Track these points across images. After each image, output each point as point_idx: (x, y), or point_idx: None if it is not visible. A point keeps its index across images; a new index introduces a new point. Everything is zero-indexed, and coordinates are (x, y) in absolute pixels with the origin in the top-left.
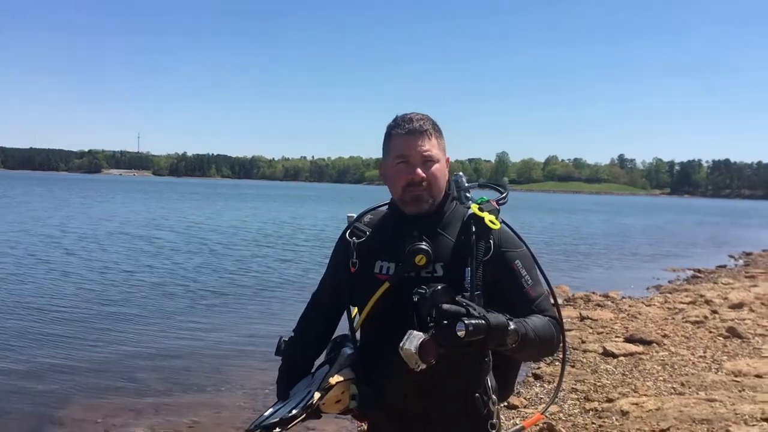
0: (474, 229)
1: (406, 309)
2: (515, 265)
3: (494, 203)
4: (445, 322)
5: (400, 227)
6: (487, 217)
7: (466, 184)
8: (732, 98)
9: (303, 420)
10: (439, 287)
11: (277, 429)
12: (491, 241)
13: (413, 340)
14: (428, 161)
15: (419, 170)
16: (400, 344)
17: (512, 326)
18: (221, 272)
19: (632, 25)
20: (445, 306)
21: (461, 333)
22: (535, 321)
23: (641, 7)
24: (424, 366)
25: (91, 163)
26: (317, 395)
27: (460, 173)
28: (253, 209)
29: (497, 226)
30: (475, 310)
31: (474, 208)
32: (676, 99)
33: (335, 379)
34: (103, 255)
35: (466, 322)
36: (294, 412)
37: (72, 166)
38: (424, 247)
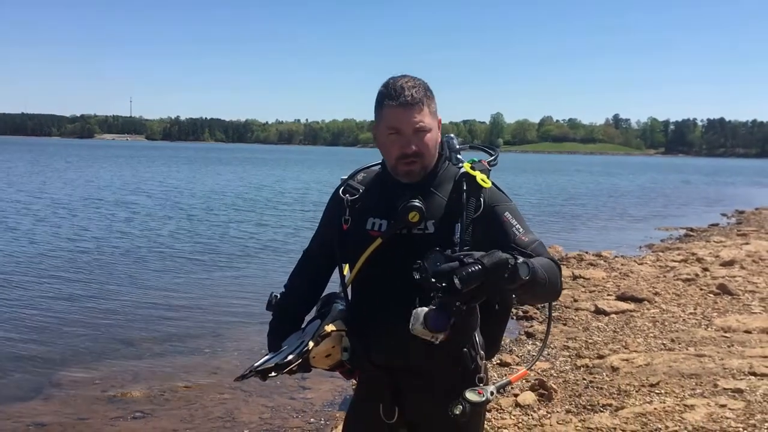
0: (465, 187)
1: (397, 265)
2: (505, 217)
3: (485, 164)
4: (444, 284)
5: (394, 186)
6: (479, 176)
7: (458, 146)
8: (727, 57)
9: (296, 368)
10: (432, 254)
11: (273, 373)
12: (482, 198)
13: (418, 317)
14: (420, 132)
15: (412, 145)
16: (410, 326)
17: (519, 259)
18: (212, 236)
19: None
20: (438, 268)
21: (458, 285)
22: (539, 259)
23: None
24: (442, 337)
25: (83, 128)
26: (312, 343)
27: (452, 135)
28: (244, 173)
29: (488, 184)
30: (471, 257)
31: (466, 167)
32: (670, 58)
33: (330, 327)
34: (98, 219)
35: (458, 274)
36: (290, 357)
37: (64, 131)
38: (417, 204)
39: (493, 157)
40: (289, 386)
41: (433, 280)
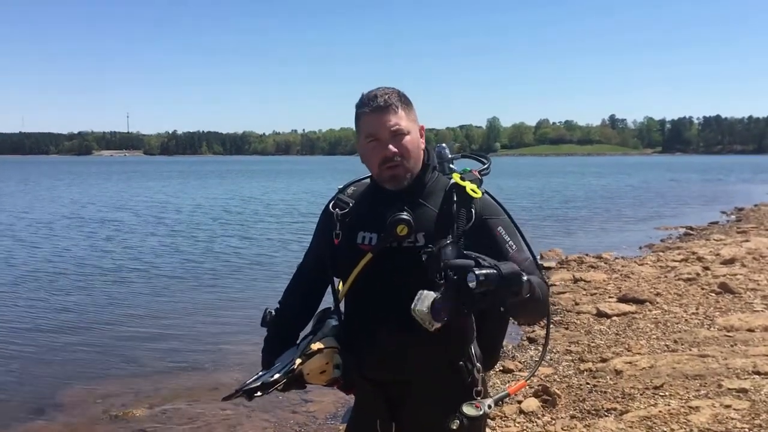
0: (455, 198)
1: (388, 279)
2: (498, 232)
3: (476, 173)
4: (455, 277)
5: (382, 198)
6: (469, 186)
7: (450, 156)
8: (722, 53)
9: (285, 387)
10: (448, 242)
11: (258, 393)
12: (473, 210)
13: (425, 300)
14: (398, 135)
15: (391, 146)
16: (412, 305)
17: (525, 276)
18: (204, 252)
19: None
20: (454, 261)
21: (472, 284)
22: (533, 278)
23: None
24: (438, 325)
25: (81, 145)
26: (298, 361)
27: (444, 144)
28: (239, 186)
29: (479, 194)
30: (485, 260)
31: (456, 178)
32: (664, 56)
33: (317, 345)
34: (98, 239)
35: (476, 272)
36: (276, 376)
37: (62, 148)
38: (405, 217)
39: (485, 166)
40: (292, 400)
41: (450, 271)
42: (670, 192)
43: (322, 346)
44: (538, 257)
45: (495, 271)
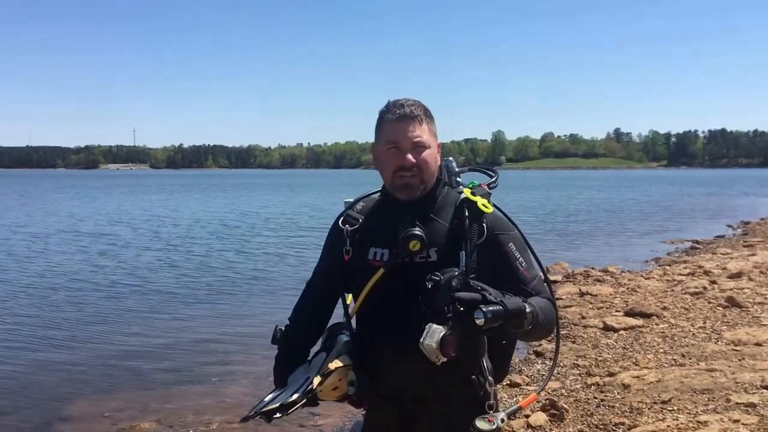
0: (467, 213)
1: (401, 294)
2: (509, 248)
3: (485, 187)
4: (462, 309)
5: (393, 213)
6: (480, 201)
7: (456, 169)
8: (727, 67)
9: (302, 406)
10: (456, 272)
11: (278, 414)
12: (484, 224)
13: (434, 334)
14: (419, 147)
15: (409, 156)
16: (420, 339)
17: (528, 309)
18: (226, 265)
19: None
20: (462, 294)
21: (480, 321)
22: (539, 302)
23: None
24: (444, 360)
25: (88, 159)
26: (317, 380)
27: (450, 158)
28: (250, 200)
29: (490, 209)
30: (491, 294)
31: (467, 193)
32: (669, 70)
33: (335, 364)
34: (93, 253)
35: (484, 309)
36: (294, 397)
37: (69, 162)
38: (417, 232)
39: (493, 179)
40: (299, 414)
41: (458, 305)
42: (676, 205)
43: (340, 364)
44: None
45: (501, 308)
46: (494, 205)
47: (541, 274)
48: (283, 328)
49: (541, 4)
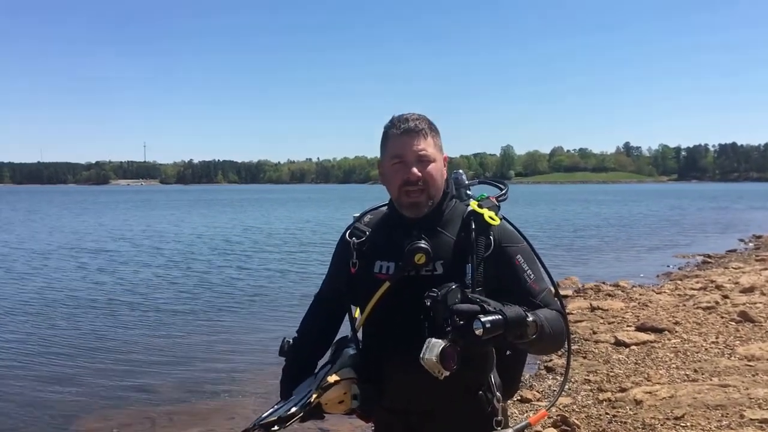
0: (474, 226)
1: (406, 308)
2: (517, 260)
3: (494, 200)
4: (461, 322)
5: (400, 227)
6: (487, 213)
7: (467, 182)
8: (736, 80)
9: (303, 419)
10: (453, 287)
11: (276, 427)
12: (491, 237)
13: (434, 348)
14: (424, 160)
15: (415, 169)
16: (421, 354)
17: (530, 318)
18: (229, 281)
19: (629, 9)
20: (460, 306)
21: (479, 332)
22: (546, 313)
23: None
24: (447, 373)
25: (98, 174)
26: (314, 395)
27: (460, 171)
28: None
29: (497, 222)
30: (489, 305)
31: (473, 205)
32: (679, 83)
33: (333, 377)
34: (116, 266)
35: (482, 319)
36: (293, 410)
37: (80, 178)
38: (423, 245)
39: (502, 192)
40: (307, 428)
41: (456, 317)
42: (687, 219)
43: (338, 378)
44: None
45: (500, 317)
46: (503, 218)
47: (551, 286)
48: (291, 341)
49: (550, 23)
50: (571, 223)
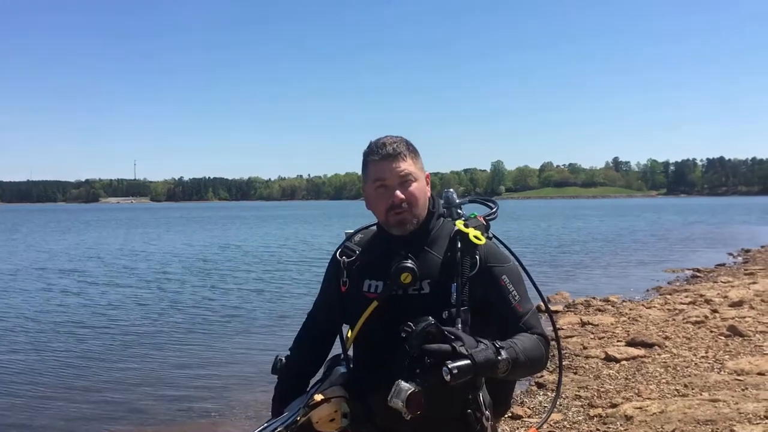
0: (459, 245)
1: (394, 327)
2: (502, 281)
3: (481, 219)
4: (430, 361)
5: (388, 246)
6: (472, 233)
7: (457, 200)
8: (724, 95)
9: None
10: (432, 323)
11: None
12: (477, 256)
13: (400, 393)
14: (406, 181)
15: (398, 192)
16: (388, 397)
17: (503, 356)
18: (218, 300)
19: (616, 23)
20: (431, 347)
21: (447, 377)
22: (524, 341)
23: (619, 4)
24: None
25: (88, 192)
26: (301, 414)
27: (451, 189)
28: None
29: (482, 241)
30: (463, 344)
31: (459, 225)
32: (666, 98)
33: (319, 396)
34: (104, 287)
35: (450, 366)
36: (279, 430)
37: (69, 196)
38: (409, 265)
39: (492, 211)
40: None
41: (426, 359)
42: (676, 234)
43: (322, 396)
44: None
45: (469, 363)
46: (493, 236)
47: (535, 306)
48: (284, 359)
49: (539, 35)
50: (561, 238)
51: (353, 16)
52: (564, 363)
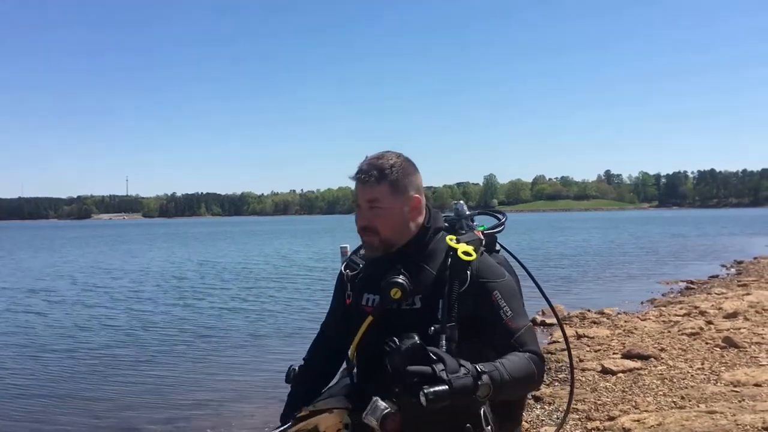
0: (450, 261)
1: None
2: (494, 296)
3: (479, 233)
4: (409, 382)
5: (385, 260)
6: (462, 248)
7: (467, 212)
8: (714, 107)
9: None
10: (417, 342)
11: None
12: (468, 272)
13: (376, 411)
14: (372, 207)
15: (360, 218)
16: (363, 413)
17: (483, 381)
18: (214, 317)
19: (606, 36)
20: (411, 368)
21: (423, 401)
22: (513, 361)
23: (612, 17)
24: None
25: (80, 209)
26: (304, 410)
27: (461, 202)
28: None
29: (472, 257)
30: (444, 368)
31: (448, 240)
32: (657, 111)
33: (321, 404)
34: (89, 305)
35: (426, 391)
36: (282, 428)
37: (61, 213)
38: (399, 280)
39: (500, 222)
40: None
41: (405, 379)
42: (669, 246)
43: (313, 408)
44: (539, 314)
45: (446, 389)
46: (501, 248)
47: (529, 324)
48: (297, 368)
49: (532, 47)
50: (555, 251)
51: (349, 30)
52: (560, 376)
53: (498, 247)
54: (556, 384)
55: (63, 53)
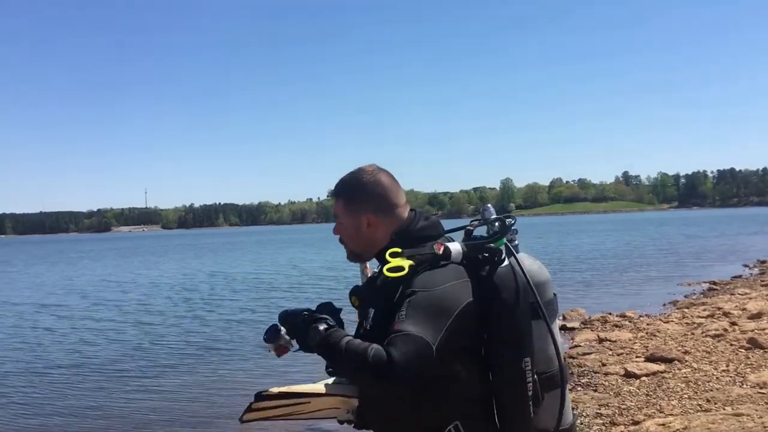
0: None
1: None
2: (405, 303)
3: (439, 246)
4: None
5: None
6: (393, 264)
7: (492, 217)
8: (732, 106)
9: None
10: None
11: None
12: (401, 282)
13: (271, 330)
14: (338, 222)
15: (335, 229)
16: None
17: (321, 326)
18: (222, 329)
19: (623, 40)
20: (292, 309)
21: (282, 332)
22: (358, 343)
23: (631, 20)
24: (272, 351)
25: (100, 222)
26: (275, 389)
27: (489, 205)
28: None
29: (400, 273)
30: (321, 322)
31: (387, 255)
32: (675, 112)
33: (300, 387)
34: (97, 318)
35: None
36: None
37: (82, 226)
38: (357, 288)
39: (505, 227)
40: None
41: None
42: (690, 247)
43: (278, 390)
44: (560, 318)
45: (294, 320)
46: (512, 255)
47: (416, 331)
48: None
49: (548, 53)
50: (574, 254)
51: (367, 35)
52: (583, 381)
53: (505, 259)
54: (579, 389)
55: (81, 66)
